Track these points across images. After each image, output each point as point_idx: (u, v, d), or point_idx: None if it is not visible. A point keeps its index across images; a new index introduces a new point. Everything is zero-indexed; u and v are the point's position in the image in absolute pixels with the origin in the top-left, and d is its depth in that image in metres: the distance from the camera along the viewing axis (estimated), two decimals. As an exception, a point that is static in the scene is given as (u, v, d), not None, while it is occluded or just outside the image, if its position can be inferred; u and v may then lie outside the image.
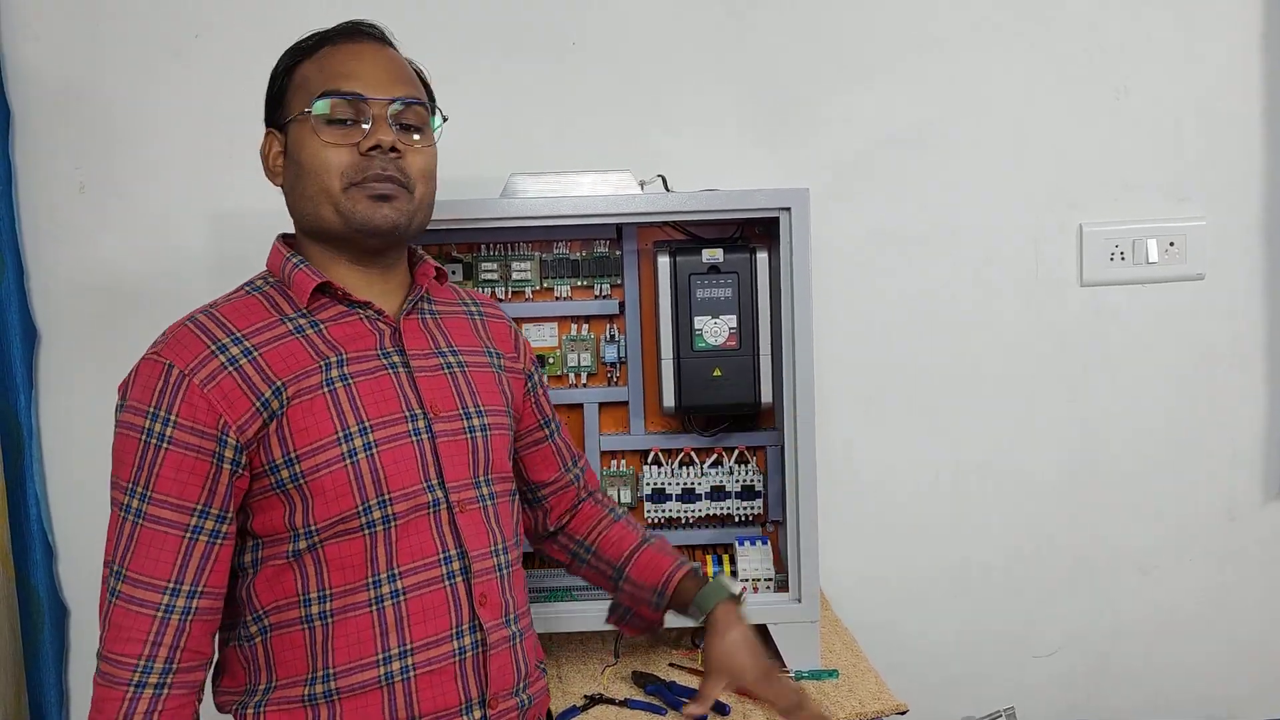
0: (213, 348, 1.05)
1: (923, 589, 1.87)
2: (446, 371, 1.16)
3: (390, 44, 1.16)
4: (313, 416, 1.06)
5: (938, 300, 1.82)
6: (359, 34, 1.14)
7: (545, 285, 1.57)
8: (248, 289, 1.13)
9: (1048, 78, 1.80)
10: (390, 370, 1.12)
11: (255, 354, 1.06)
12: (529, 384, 1.30)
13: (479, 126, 1.74)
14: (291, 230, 1.17)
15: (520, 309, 1.57)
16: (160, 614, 1.03)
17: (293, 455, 1.05)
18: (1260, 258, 1.84)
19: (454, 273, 1.56)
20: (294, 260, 1.12)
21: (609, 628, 1.47)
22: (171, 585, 1.03)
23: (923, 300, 1.82)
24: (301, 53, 1.14)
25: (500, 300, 1.57)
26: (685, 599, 1.27)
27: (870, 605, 1.84)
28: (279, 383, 1.05)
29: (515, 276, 1.56)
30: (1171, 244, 1.82)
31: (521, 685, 1.16)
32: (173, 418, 1.03)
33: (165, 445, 1.03)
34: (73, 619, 1.78)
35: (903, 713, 1.40)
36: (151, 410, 1.03)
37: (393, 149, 1.09)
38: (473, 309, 1.26)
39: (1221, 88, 1.81)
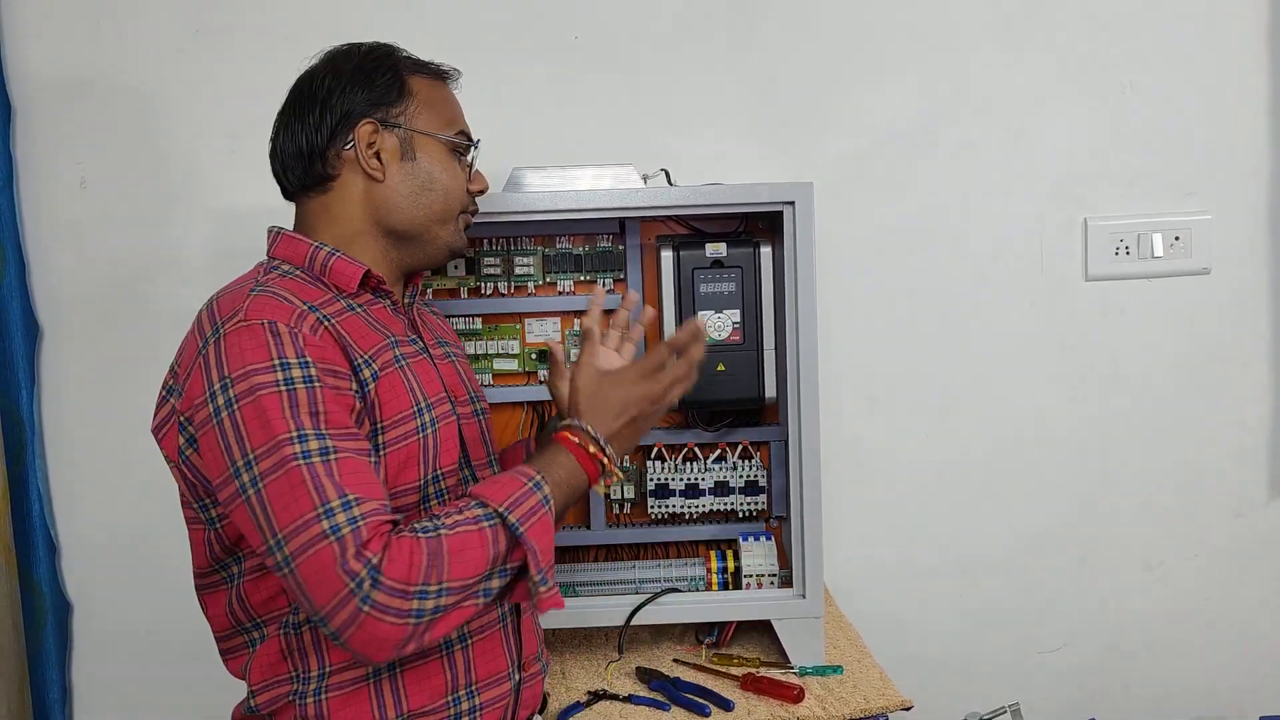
0: (301, 308, 1.04)
1: (927, 584, 1.87)
2: (450, 360, 1.24)
3: None
4: (394, 390, 1.08)
5: (942, 295, 1.82)
6: (451, 75, 1.24)
7: (548, 280, 1.57)
8: (280, 274, 1.12)
9: (1053, 72, 1.79)
10: (424, 355, 1.18)
11: (334, 322, 1.06)
12: None
13: (481, 121, 1.72)
14: (279, 224, 1.18)
15: (523, 304, 1.57)
16: (388, 515, 0.98)
17: (379, 425, 1.06)
18: (1266, 252, 1.83)
19: (455, 266, 1.56)
20: (326, 249, 1.13)
21: (613, 624, 1.48)
22: (386, 501, 0.99)
23: (927, 295, 1.81)
24: (412, 65, 1.19)
25: (502, 295, 1.57)
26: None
27: (875, 601, 1.84)
28: (366, 354, 1.07)
29: (518, 271, 1.56)
30: (1177, 238, 1.81)
31: (539, 653, 1.24)
32: (308, 359, 1.00)
33: (316, 384, 0.99)
34: (76, 614, 1.78)
35: (907, 708, 1.40)
36: (280, 361, 0.99)
37: None
38: (428, 308, 1.34)
39: (1227, 81, 1.80)
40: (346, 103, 1.14)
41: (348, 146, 1.14)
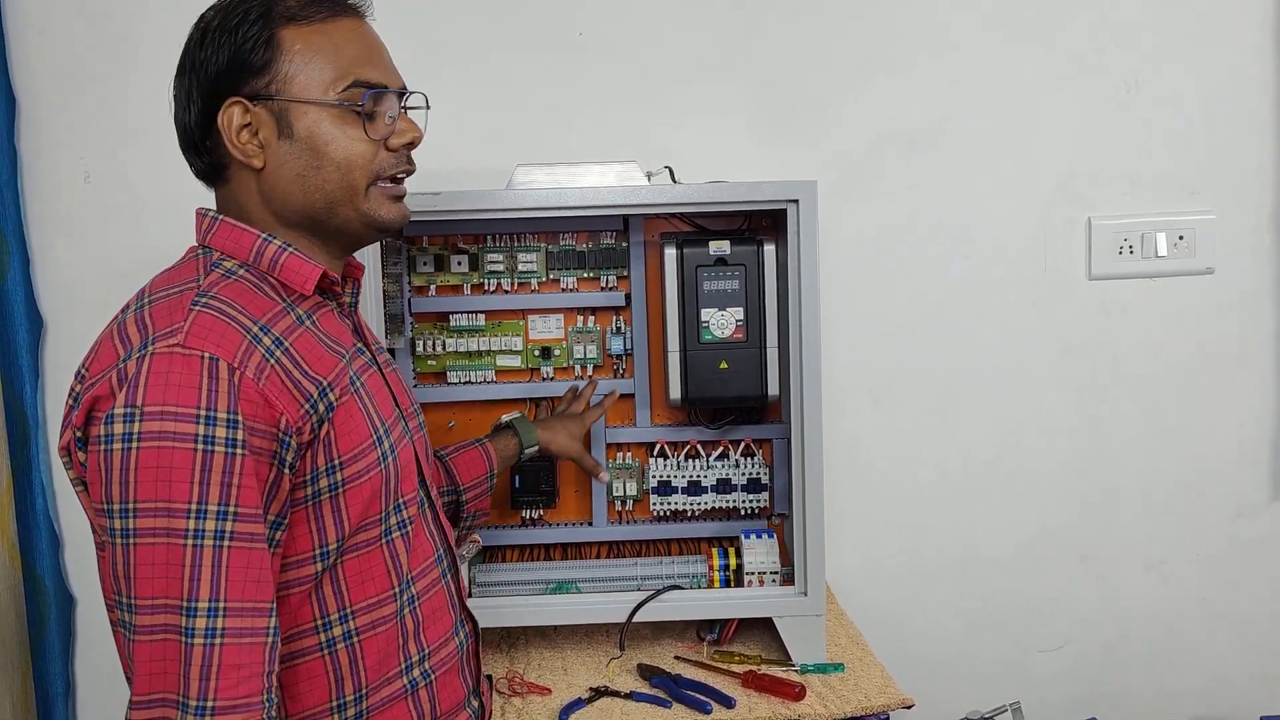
0: (248, 337, 0.90)
1: (929, 583, 1.87)
2: (391, 367, 1.11)
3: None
4: (352, 419, 0.96)
5: (946, 293, 1.81)
6: (353, 9, 1.01)
7: (551, 277, 1.57)
8: (223, 275, 0.96)
9: (1057, 71, 1.78)
10: (374, 367, 1.05)
11: (285, 345, 0.93)
12: None
13: (485, 117, 1.73)
14: (205, 206, 1.03)
15: (526, 300, 1.57)
16: (269, 639, 0.88)
17: (336, 462, 0.94)
18: (1270, 252, 1.83)
19: (460, 264, 1.56)
20: (276, 243, 0.97)
21: (615, 621, 1.48)
22: (270, 605, 0.88)
23: (930, 293, 1.81)
24: (288, 17, 0.97)
25: (506, 292, 1.57)
26: (509, 456, 1.43)
27: (876, 599, 1.84)
28: (323, 381, 0.94)
29: (521, 268, 1.56)
30: (1180, 238, 1.81)
31: (481, 668, 1.17)
32: (239, 419, 0.86)
33: (240, 451, 0.86)
34: (79, 608, 1.78)
35: (908, 707, 1.40)
36: (206, 413, 0.85)
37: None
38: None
39: (1231, 80, 1.80)
40: (210, 74, 0.95)
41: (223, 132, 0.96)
